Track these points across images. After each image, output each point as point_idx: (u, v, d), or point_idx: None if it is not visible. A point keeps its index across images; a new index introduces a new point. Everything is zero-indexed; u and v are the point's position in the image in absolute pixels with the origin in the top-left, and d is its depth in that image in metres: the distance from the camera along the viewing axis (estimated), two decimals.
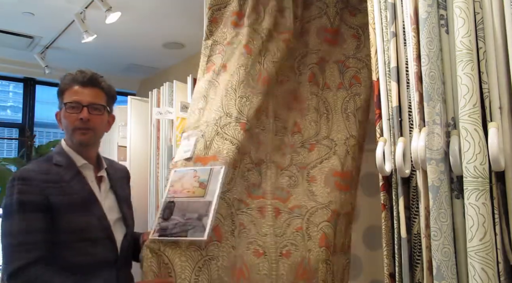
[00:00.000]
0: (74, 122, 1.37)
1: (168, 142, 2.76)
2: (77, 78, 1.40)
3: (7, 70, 4.04)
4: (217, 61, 1.79)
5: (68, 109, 1.37)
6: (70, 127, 1.38)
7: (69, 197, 1.31)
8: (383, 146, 1.21)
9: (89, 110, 1.37)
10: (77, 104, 1.37)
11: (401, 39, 1.20)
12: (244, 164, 1.62)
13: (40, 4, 2.83)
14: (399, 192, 1.17)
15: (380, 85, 1.26)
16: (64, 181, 1.33)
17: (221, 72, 1.75)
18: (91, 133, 1.39)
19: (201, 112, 1.69)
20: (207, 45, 1.84)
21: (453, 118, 1.06)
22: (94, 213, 1.34)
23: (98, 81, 1.43)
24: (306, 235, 1.55)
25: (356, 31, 1.94)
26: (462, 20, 0.99)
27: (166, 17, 3.04)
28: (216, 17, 1.87)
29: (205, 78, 1.76)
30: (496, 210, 0.96)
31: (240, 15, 1.85)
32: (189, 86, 2.62)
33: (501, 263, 0.95)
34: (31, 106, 4.26)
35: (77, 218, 1.30)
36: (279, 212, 1.60)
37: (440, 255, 1.00)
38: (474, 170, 0.94)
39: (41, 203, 1.26)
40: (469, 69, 0.96)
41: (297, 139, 1.77)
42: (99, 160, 1.48)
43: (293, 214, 1.59)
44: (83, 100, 1.37)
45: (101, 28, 2.98)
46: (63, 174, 1.34)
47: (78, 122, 1.36)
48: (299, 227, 1.56)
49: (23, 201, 1.25)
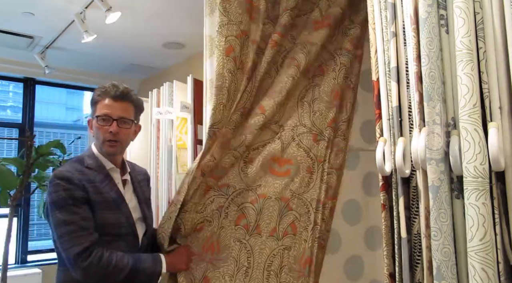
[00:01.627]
0: (104, 134, 1.50)
1: (168, 142, 2.76)
2: (109, 91, 1.51)
3: (7, 70, 4.03)
4: (236, 49, 1.67)
5: (99, 121, 1.50)
6: (100, 138, 1.51)
7: (102, 195, 1.45)
8: (383, 146, 1.21)
9: (118, 124, 1.50)
10: (107, 117, 1.50)
11: (401, 39, 1.20)
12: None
13: (40, 4, 2.83)
14: (399, 192, 1.17)
15: (380, 85, 1.26)
16: (96, 181, 1.47)
17: (239, 68, 1.68)
18: (118, 145, 1.53)
19: (225, 110, 1.63)
20: (223, 23, 1.68)
21: (453, 118, 1.06)
22: (122, 211, 1.49)
23: (129, 96, 1.55)
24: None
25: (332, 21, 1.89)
26: (462, 20, 0.99)
27: (166, 17, 3.04)
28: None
29: (227, 66, 1.64)
30: (496, 210, 0.96)
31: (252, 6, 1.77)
32: (189, 86, 2.62)
33: (501, 263, 0.95)
34: (31, 106, 4.26)
35: (109, 215, 1.45)
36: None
37: (440, 255, 1.00)
38: (474, 170, 0.94)
39: (85, 197, 1.42)
40: (469, 69, 0.96)
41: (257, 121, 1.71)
42: (123, 164, 1.62)
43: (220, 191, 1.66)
44: (113, 114, 1.50)
45: (101, 28, 2.98)
46: (95, 175, 1.48)
47: (108, 135, 1.50)
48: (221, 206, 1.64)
49: (73, 195, 1.39)
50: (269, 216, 1.66)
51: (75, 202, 1.39)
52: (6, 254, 2.98)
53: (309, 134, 1.78)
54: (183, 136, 2.67)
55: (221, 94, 1.62)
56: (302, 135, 1.77)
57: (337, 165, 1.81)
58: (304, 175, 1.74)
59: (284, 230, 1.67)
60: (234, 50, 1.67)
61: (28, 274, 3.61)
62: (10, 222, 3.04)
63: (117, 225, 1.47)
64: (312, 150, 1.77)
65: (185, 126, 2.65)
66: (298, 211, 1.70)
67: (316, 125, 1.80)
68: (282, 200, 1.68)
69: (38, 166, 3.19)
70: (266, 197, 1.67)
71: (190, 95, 2.59)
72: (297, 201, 1.71)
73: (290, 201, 1.70)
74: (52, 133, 5.78)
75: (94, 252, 1.36)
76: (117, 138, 1.51)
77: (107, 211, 1.45)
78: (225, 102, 1.63)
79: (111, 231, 1.46)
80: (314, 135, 1.78)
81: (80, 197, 1.41)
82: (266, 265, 1.61)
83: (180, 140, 2.66)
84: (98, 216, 1.43)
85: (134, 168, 1.72)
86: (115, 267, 1.38)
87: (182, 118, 2.64)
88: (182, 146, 2.66)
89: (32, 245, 4.16)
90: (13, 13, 2.96)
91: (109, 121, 1.50)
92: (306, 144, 1.77)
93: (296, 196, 1.71)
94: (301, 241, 1.69)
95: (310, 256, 1.68)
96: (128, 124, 1.54)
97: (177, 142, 2.65)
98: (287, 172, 1.72)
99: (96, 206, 1.43)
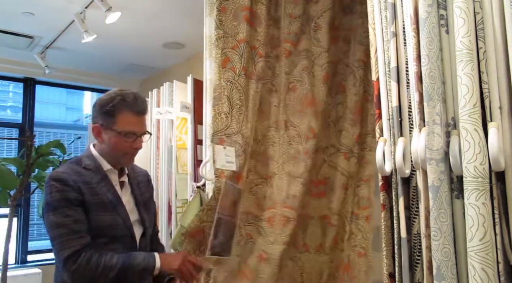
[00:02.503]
0: (127, 149, 1.49)
1: (168, 142, 2.76)
2: (132, 106, 1.47)
3: (7, 70, 4.03)
4: (234, 59, 1.74)
5: (123, 137, 1.47)
6: (122, 151, 1.49)
7: (99, 197, 1.43)
8: (383, 146, 1.21)
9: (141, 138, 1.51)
10: (133, 135, 1.48)
11: (401, 39, 1.20)
12: (250, 180, 1.72)
13: (40, 4, 2.82)
14: (399, 192, 1.17)
15: (380, 85, 1.26)
16: (93, 183, 1.44)
17: (241, 75, 1.74)
18: (136, 154, 1.55)
19: (228, 117, 1.69)
20: (219, 35, 1.76)
21: (453, 118, 1.06)
22: (119, 212, 1.46)
23: (147, 109, 1.56)
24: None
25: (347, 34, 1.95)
26: (462, 20, 0.98)
27: (166, 17, 3.04)
28: (225, 6, 1.79)
29: (225, 76, 1.71)
30: (496, 210, 0.96)
31: (252, 13, 1.81)
32: (189, 86, 2.62)
33: (501, 263, 0.95)
34: (31, 106, 4.26)
35: (105, 217, 1.43)
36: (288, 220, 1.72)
37: (440, 255, 1.00)
38: (474, 170, 0.94)
39: (80, 199, 1.39)
40: (469, 69, 0.96)
41: (310, 145, 1.80)
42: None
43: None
44: (138, 131, 1.49)
45: (101, 28, 2.98)
46: (92, 176, 1.46)
47: (131, 150, 1.50)
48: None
49: (67, 197, 1.37)
50: (315, 235, 1.79)
51: (68, 204, 1.38)
52: (6, 254, 2.98)
53: (339, 153, 1.86)
54: (183, 136, 2.67)
55: (220, 103, 1.68)
56: (333, 155, 1.85)
57: (366, 176, 1.87)
58: (340, 193, 1.83)
59: (330, 245, 1.78)
60: (231, 60, 1.74)
61: (28, 274, 3.61)
62: (10, 222, 3.04)
63: (113, 227, 1.45)
64: (345, 168, 1.86)
65: (185, 126, 2.65)
66: (338, 225, 1.81)
67: (344, 145, 1.87)
68: (324, 218, 1.81)
69: (38, 166, 3.19)
70: (310, 217, 1.79)
71: (190, 95, 2.59)
72: (337, 217, 1.81)
73: (331, 218, 1.81)
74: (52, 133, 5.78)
75: (83, 255, 1.34)
76: (138, 151, 1.54)
77: (103, 212, 1.43)
78: (226, 111, 1.68)
79: (108, 233, 1.44)
80: (344, 154, 1.86)
81: (74, 198, 1.39)
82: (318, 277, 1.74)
83: (180, 140, 2.66)
84: (94, 218, 1.41)
85: (134, 169, 1.69)
86: (104, 268, 1.35)
87: (182, 118, 2.65)
88: (182, 146, 2.66)
89: (32, 245, 4.16)
90: (13, 13, 2.96)
91: (133, 137, 1.48)
92: (336, 163, 1.86)
93: (335, 213, 1.81)
94: (340, 252, 1.80)
95: (347, 263, 1.78)
96: (147, 136, 1.57)
97: (177, 142, 2.65)
98: (322, 193, 1.82)
99: (92, 207, 1.41)
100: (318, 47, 1.89)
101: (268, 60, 1.84)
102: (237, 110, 1.71)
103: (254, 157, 1.75)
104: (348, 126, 1.88)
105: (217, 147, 1.65)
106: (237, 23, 1.78)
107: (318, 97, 1.85)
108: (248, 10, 1.79)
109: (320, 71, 1.87)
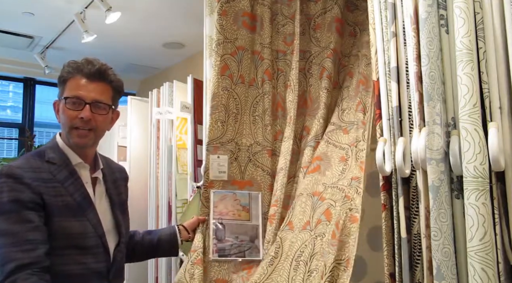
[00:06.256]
0: (73, 120, 1.22)
1: (168, 142, 2.76)
2: (82, 68, 1.24)
3: (7, 70, 4.04)
4: (232, 66, 1.76)
5: (68, 104, 1.22)
6: (67, 124, 1.23)
7: (63, 198, 1.18)
8: (383, 146, 1.21)
9: (91, 109, 1.23)
10: (79, 100, 1.22)
11: (401, 39, 1.20)
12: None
13: (40, 4, 2.83)
14: (399, 192, 1.17)
15: (380, 85, 1.26)
16: (57, 180, 1.20)
17: (238, 83, 1.76)
18: (91, 135, 1.25)
19: (224, 126, 1.71)
20: (219, 41, 1.75)
21: (453, 118, 1.06)
22: (88, 218, 1.22)
23: (107, 75, 1.28)
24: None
25: (353, 28, 1.92)
26: (462, 20, 0.98)
27: (166, 17, 3.04)
28: (225, 9, 1.78)
29: (223, 84, 1.73)
30: (496, 210, 0.96)
31: (252, 18, 1.82)
32: (189, 86, 2.62)
33: (501, 263, 0.95)
34: (31, 106, 4.26)
35: (71, 223, 1.18)
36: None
37: (440, 255, 1.00)
38: (474, 170, 0.94)
39: (37, 202, 1.14)
40: (469, 69, 0.96)
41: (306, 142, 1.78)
42: (96, 159, 1.34)
43: None
44: (86, 97, 1.22)
45: (101, 28, 2.98)
46: (56, 172, 1.21)
47: (77, 121, 1.22)
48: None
49: (19, 198, 1.12)
50: (302, 212, 1.62)
51: (21, 207, 1.11)
52: None
53: (338, 130, 1.76)
54: (183, 136, 2.67)
55: (217, 112, 1.70)
56: (331, 133, 1.77)
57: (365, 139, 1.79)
58: (336, 167, 1.69)
59: (317, 219, 1.57)
60: (230, 67, 1.76)
61: None
62: None
63: (82, 235, 1.19)
64: (342, 141, 1.74)
65: (185, 126, 2.65)
66: (333, 198, 1.60)
67: (345, 121, 1.78)
68: (314, 194, 1.64)
69: None
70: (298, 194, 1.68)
71: (190, 95, 2.59)
72: (331, 190, 1.62)
73: (323, 192, 1.63)
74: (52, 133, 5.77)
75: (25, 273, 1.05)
76: (89, 126, 1.23)
77: (69, 217, 1.17)
78: (223, 119, 1.71)
79: (75, 243, 1.18)
80: (344, 130, 1.77)
81: (29, 200, 1.12)
82: (296, 256, 1.50)
83: (180, 140, 2.66)
84: (57, 224, 1.15)
85: (109, 164, 1.43)
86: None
87: (182, 118, 2.65)
88: (182, 146, 2.66)
89: None
90: (13, 13, 2.96)
91: (80, 105, 1.21)
92: (335, 139, 1.75)
93: (329, 187, 1.64)
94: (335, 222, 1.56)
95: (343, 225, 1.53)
96: (105, 110, 1.27)
97: (177, 142, 2.65)
98: (316, 168, 1.71)
99: (55, 211, 1.15)
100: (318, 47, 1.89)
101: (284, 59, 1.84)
102: (233, 119, 1.73)
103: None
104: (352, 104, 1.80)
105: (212, 157, 1.67)
106: (236, 28, 1.79)
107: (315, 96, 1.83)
108: (248, 15, 1.81)
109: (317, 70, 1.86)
